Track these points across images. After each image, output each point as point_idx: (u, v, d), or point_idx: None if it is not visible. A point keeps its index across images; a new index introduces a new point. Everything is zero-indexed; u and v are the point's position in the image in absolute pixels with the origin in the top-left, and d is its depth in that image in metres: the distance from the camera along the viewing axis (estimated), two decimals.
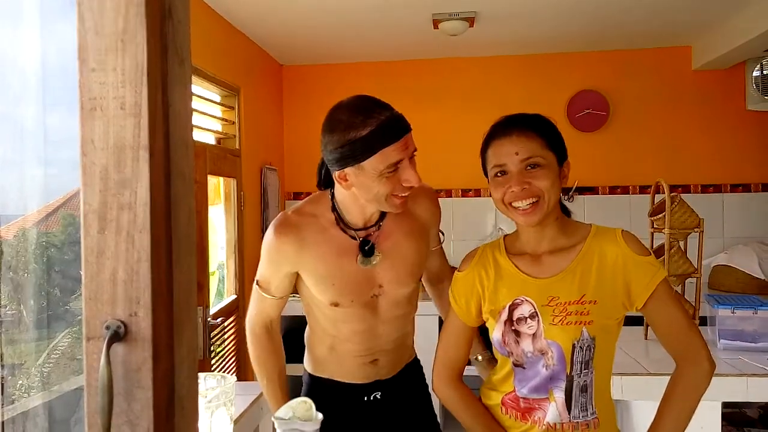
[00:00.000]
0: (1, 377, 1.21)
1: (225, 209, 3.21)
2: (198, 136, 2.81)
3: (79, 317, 0.74)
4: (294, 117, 4.09)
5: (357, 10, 3.00)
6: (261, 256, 1.45)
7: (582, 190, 3.83)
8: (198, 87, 2.86)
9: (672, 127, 3.82)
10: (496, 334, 1.31)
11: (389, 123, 1.24)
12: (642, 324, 2.25)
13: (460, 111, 3.92)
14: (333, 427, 1.40)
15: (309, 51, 3.77)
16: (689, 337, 1.25)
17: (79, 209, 0.72)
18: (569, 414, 1.26)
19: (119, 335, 0.70)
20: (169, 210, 0.75)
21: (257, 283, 1.47)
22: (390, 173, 1.26)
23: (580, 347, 1.23)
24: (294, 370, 1.64)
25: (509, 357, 1.30)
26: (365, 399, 1.49)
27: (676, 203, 2.13)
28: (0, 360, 1.20)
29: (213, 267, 3.03)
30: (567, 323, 1.23)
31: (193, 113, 0.80)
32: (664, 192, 2.12)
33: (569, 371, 1.25)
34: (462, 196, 3.97)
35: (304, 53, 3.83)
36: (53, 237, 1.36)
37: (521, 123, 1.27)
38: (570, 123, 3.82)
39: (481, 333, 1.40)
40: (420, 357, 1.64)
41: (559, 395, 1.26)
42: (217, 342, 2.90)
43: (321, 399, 1.39)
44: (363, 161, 1.25)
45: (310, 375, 1.55)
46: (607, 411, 1.31)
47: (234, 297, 3.20)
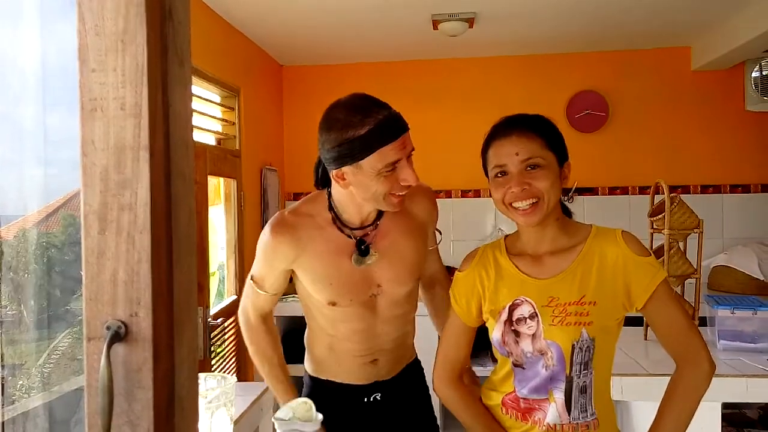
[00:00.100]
0: (2, 377, 1.21)
1: (225, 210, 3.20)
2: (198, 136, 2.81)
3: (80, 318, 0.74)
4: (294, 117, 4.09)
5: (357, 10, 3.00)
6: (256, 253, 1.45)
7: (581, 190, 3.83)
8: (198, 87, 2.86)
9: (671, 128, 3.82)
10: (495, 334, 1.31)
11: (387, 122, 1.24)
12: (642, 325, 2.25)
13: (459, 111, 3.92)
14: (333, 429, 1.40)
15: (309, 51, 3.77)
16: (689, 338, 1.25)
17: (80, 209, 0.72)
18: (569, 415, 1.26)
19: (120, 336, 0.70)
20: (170, 211, 0.75)
21: (252, 279, 1.48)
22: (388, 172, 1.26)
23: (579, 348, 1.23)
24: (294, 371, 1.64)
25: (509, 357, 1.30)
26: (365, 400, 1.49)
27: (675, 204, 2.13)
28: (0, 360, 1.20)
29: (213, 267, 3.03)
30: (566, 324, 1.23)
31: (193, 114, 0.80)
32: (663, 192, 2.12)
33: (569, 372, 1.25)
34: (462, 196, 3.97)
35: (304, 54, 3.83)
36: (53, 237, 1.35)
37: (522, 123, 1.27)
38: (569, 123, 3.82)
39: (483, 334, 1.40)
40: (420, 357, 1.64)
41: (559, 396, 1.26)
42: (218, 342, 2.90)
43: (321, 400, 1.39)
44: (361, 160, 1.24)
45: (310, 376, 1.55)
46: (607, 412, 1.31)
47: (234, 297, 3.20)
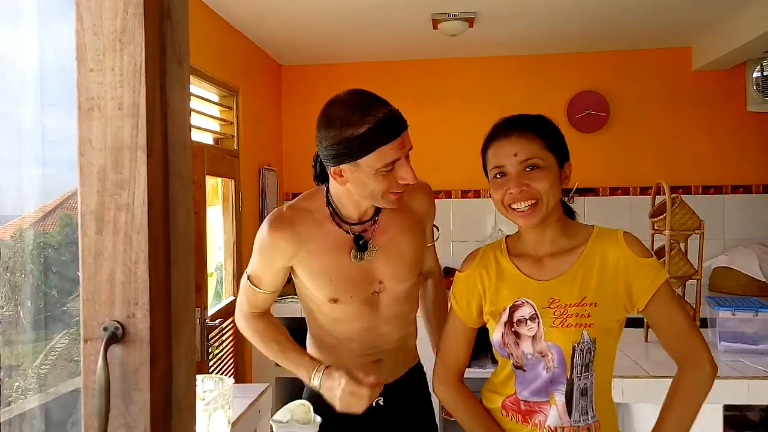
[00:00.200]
0: None
1: (223, 210, 3.20)
2: (196, 136, 2.80)
3: (77, 318, 0.73)
4: (293, 117, 4.09)
5: (356, 10, 3.00)
6: (254, 250, 1.42)
7: (582, 191, 3.83)
8: (196, 87, 2.85)
9: (672, 128, 3.82)
10: (496, 335, 1.30)
11: (387, 121, 1.23)
12: (642, 326, 2.24)
13: (459, 112, 3.92)
14: None
15: (308, 51, 3.77)
16: (691, 340, 1.24)
17: (77, 210, 0.71)
18: (570, 417, 1.25)
19: (117, 337, 0.69)
20: (167, 211, 0.74)
21: (248, 278, 1.45)
22: (386, 171, 1.25)
23: (580, 350, 1.23)
24: (293, 372, 1.62)
25: (509, 359, 1.30)
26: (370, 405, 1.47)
27: (676, 205, 2.12)
28: None
29: (211, 268, 3.02)
30: (567, 325, 1.23)
31: (191, 113, 0.79)
32: (664, 193, 2.11)
33: (569, 374, 1.24)
34: (462, 197, 3.96)
35: (303, 53, 3.83)
36: (50, 237, 1.35)
37: (521, 124, 1.26)
38: (570, 124, 3.82)
39: (483, 336, 1.39)
40: (419, 360, 1.62)
41: (560, 398, 1.25)
42: (215, 344, 2.89)
43: (323, 405, 1.37)
44: (359, 159, 1.24)
45: None
46: (608, 414, 1.30)
47: (232, 298, 3.19)
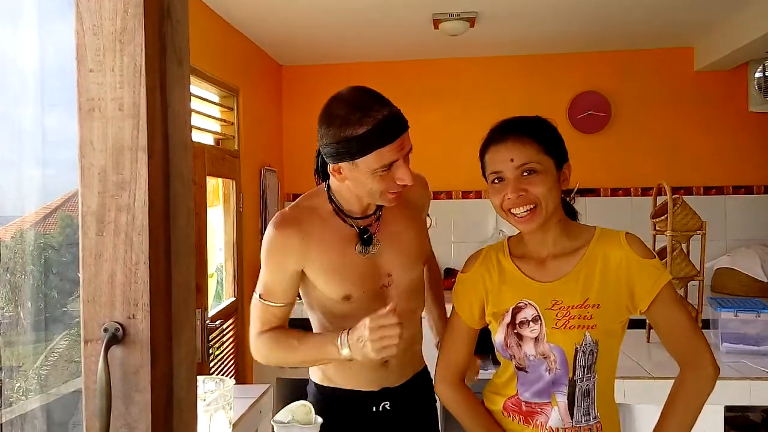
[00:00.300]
0: (0, 379, 1.21)
1: (224, 211, 3.19)
2: (196, 137, 2.80)
3: (77, 319, 0.73)
4: (293, 117, 4.08)
5: (357, 9, 2.99)
6: (262, 262, 1.35)
7: (583, 192, 3.82)
8: (196, 87, 2.85)
9: (674, 129, 3.81)
10: (498, 337, 1.30)
11: (386, 122, 1.23)
12: (644, 327, 2.24)
13: (460, 112, 3.91)
14: None
15: (309, 51, 3.76)
16: (693, 341, 1.24)
17: (78, 210, 0.71)
18: (572, 419, 1.25)
19: (117, 338, 0.69)
20: (168, 212, 0.74)
21: (260, 297, 1.37)
22: (383, 172, 1.26)
23: (582, 351, 1.22)
24: (294, 373, 1.62)
25: (511, 360, 1.29)
26: (374, 409, 1.45)
27: (678, 205, 2.12)
28: None
29: (211, 269, 3.02)
30: (570, 327, 1.22)
31: (192, 114, 0.79)
32: (666, 194, 2.11)
33: (572, 375, 1.24)
34: (462, 197, 3.96)
35: (303, 53, 3.82)
36: (51, 238, 1.35)
37: (517, 128, 1.25)
38: (571, 124, 3.81)
39: (483, 336, 1.39)
40: (426, 365, 1.61)
41: (562, 399, 1.25)
42: (216, 345, 2.89)
43: (328, 411, 1.37)
44: (357, 159, 1.24)
45: (316, 385, 1.50)
46: (610, 415, 1.30)
47: (233, 299, 3.19)
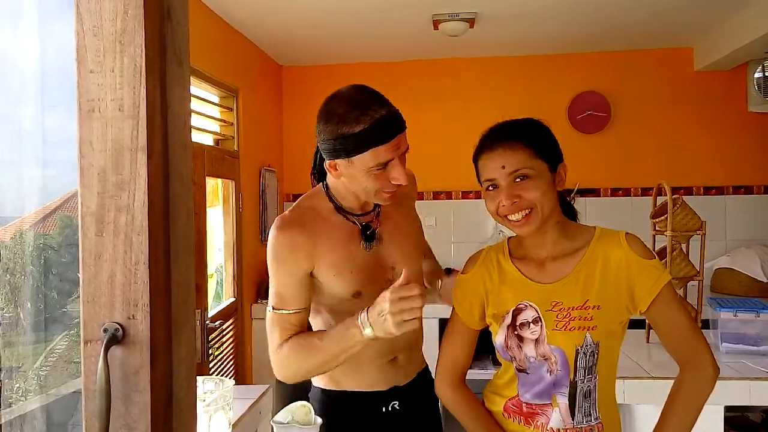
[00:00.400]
0: None
1: (223, 211, 3.19)
2: (196, 137, 2.80)
3: (77, 320, 0.73)
4: (293, 118, 4.08)
5: (357, 10, 2.99)
6: (271, 270, 1.33)
7: (583, 192, 3.82)
8: (196, 88, 2.85)
9: (674, 129, 3.81)
10: (498, 338, 1.30)
11: (384, 122, 1.23)
12: (644, 327, 2.24)
13: (460, 112, 3.91)
14: None
15: (309, 52, 3.77)
16: (693, 342, 1.24)
17: (77, 211, 0.71)
18: (573, 420, 1.25)
19: (117, 338, 0.69)
20: (168, 212, 0.74)
21: (274, 309, 1.33)
22: (378, 170, 1.26)
23: (583, 353, 1.22)
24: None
25: (512, 362, 1.29)
26: (384, 410, 1.44)
27: (678, 205, 2.12)
28: None
29: (211, 269, 3.02)
30: (570, 329, 1.22)
31: (192, 114, 0.79)
32: (665, 194, 2.11)
33: (573, 377, 1.24)
34: (462, 198, 3.96)
35: (303, 54, 3.83)
36: (51, 239, 1.35)
37: (507, 134, 1.25)
38: (571, 124, 3.81)
39: (484, 337, 1.38)
40: (427, 364, 1.60)
41: (563, 401, 1.25)
42: (216, 345, 2.89)
43: (338, 416, 1.36)
44: (353, 156, 1.24)
45: (322, 390, 1.46)
46: (611, 415, 1.30)
47: (232, 300, 3.19)
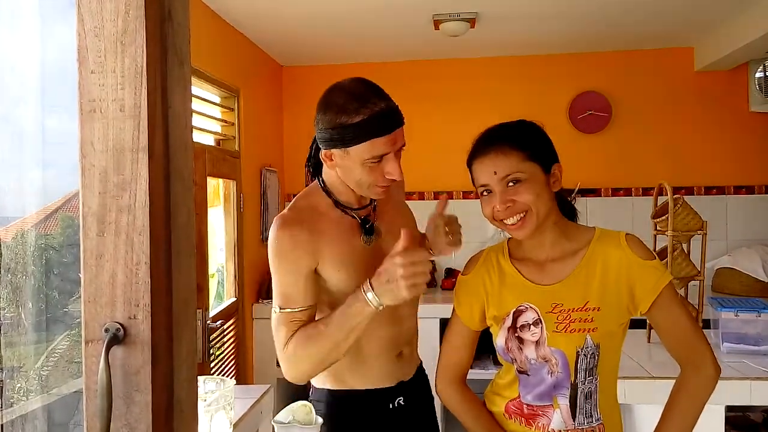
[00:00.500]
0: (0, 380, 1.21)
1: (224, 211, 3.20)
2: (197, 137, 2.80)
3: (78, 320, 0.73)
4: (294, 118, 4.08)
5: (358, 10, 3.00)
6: (274, 271, 1.31)
7: (584, 192, 3.82)
8: (197, 88, 2.85)
9: (674, 129, 3.81)
10: (499, 340, 1.30)
11: (382, 114, 1.24)
12: (645, 327, 2.24)
13: (461, 112, 3.91)
14: None
15: (309, 52, 3.77)
16: (694, 342, 1.24)
17: (78, 211, 0.71)
18: (574, 421, 1.25)
19: (118, 338, 0.70)
20: (169, 212, 0.74)
21: (280, 309, 1.31)
22: (373, 163, 1.27)
23: (584, 355, 1.22)
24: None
25: (513, 364, 1.29)
26: (391, 406, 1.44)
27: (679, 205, 2.12)
28: None
29: (212, 269, 3.02)
30: (571, 331, 1.22)
31: (193, 115, 0.79)
32: (666, 194, 2.11)
33: (573, 379, 1.24)
34: (463, 197, 3.95)
35: (304, 54, 3.83)
36: (52, 239, 1.35)
37: (498, 139, 1.26)
38: (572, 124, 3.81)
39: (485, 337, 1.39)
40: (422, 360, 1.61)
41: (564, 402, 1.25)
42: (217, 345, 2.89)
43: (346, 416, 1.36)
44: (349, 147, 1.25)
45: (329, 392, 1.44)
46: (613, 416, 1.30)
47: (233, 300, 3.19)
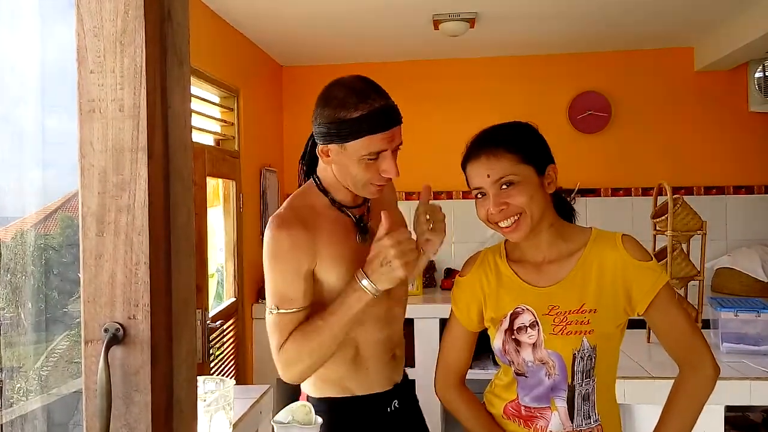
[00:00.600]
0: (0, 380, 1.21)
1: (224, 211, 3.19)
2: (197, 137, 2.80)
3: (78, 320, 0.73)
4: (294, 118, 4.08)
5: (357, 10, 3.00)
6: (269, 271, 1.29)
7: (584, 192, 3.82)
8: (197, 88, 2.85)
9: (674, 129, 3.81)
10: (496, 343, 1.30)
11: (381, 111, 1.24)
12: (644, 327, 2.24)
13: (461, 112, 3.91)
14: None
15: (309, 52, 3.77)
16: (692, 342, 1.24)
17: (78, 211, 0.71)
18: (572, 423, 1.25)
19: (118, 338, 0.70)
20: (168, 212, 0.74)
21: (278, 310, 1.28)
22: (370, 160, 1.26)
23: (581, 357, 1.22)
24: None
25: (510, 366, 1.29)
26: (388, 410, 1.43)
27: (678, 205, 2.12)
28: None
29: (212, 269, 3.02)
30: (567, 333, 1.22)
31: (192, 115, 0.79)
32: (666, 194, 2.11)
33: (570, 381, 1.24)
34: (463, 197, 3.95)
35: (304, 54, 3.83)
36: (51, 239, 1.35)
37: (491, 141, 1.26)
38: (572, 124, 3.81)
39: (484, 337, 1.39)
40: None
41: (561, 405, 1.25)
42: (216, 345, 2.89)
43: (346, 424, 1.35)
44: (347, 142, 1.25)
45: (328, 400, 1.40)
46: (611, 416, 1.30)
47: (233, 300, 3.19)
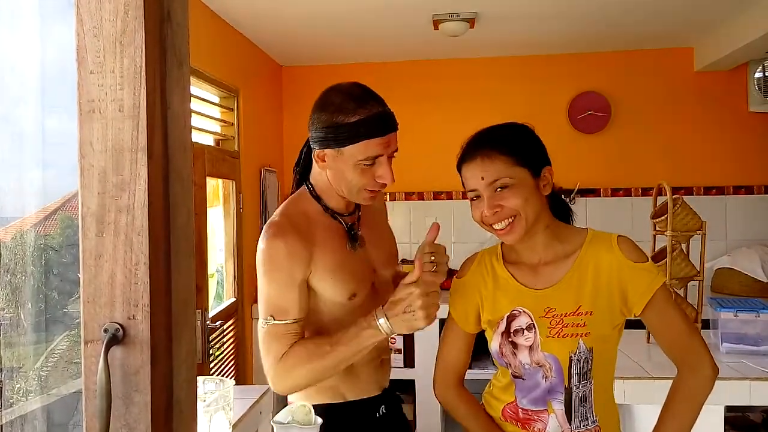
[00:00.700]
0: (0, 380, 1.21)
1: (224, 211, 3.19)
2: (196, 137, 2.80)
3: (78, 320, 0.73)
4: (294, 118, 4.08)
5: (357, 10, 3.00)
6: (264, 280, 1.28)
7: (583, 192, 3.82)
8: (196, 88, 2.85)
9: (674, 129, 3.81)
10: (493, 345, 1.30)
11: (378, 117, 1.26)
12: (644, 327, 2.23)
13: (460, 112, 3.90)
14: None
15: (309, 52, 3.77)
16: (690, 343, 1.24)
17: (78, 211, 0.72)
18: (570, 425, 1.25)
19: (117, 338, 0.70)
20: (168, 212, 0.74)
21: (274, 320, 1.27)
22: (366, 165, 1.27)
23: (577, 360, 1.22)
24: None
25: (508, 368, 1.29)
26: (377, 415, 1.44)
27: (678, 205, 2.12)
28: None
29: (212, 270, 3.02)
30: (563, 335, 1.22)
31: (192, 115, 0.79)
32: (666, 194, 2.11)
33: (567, 383, 1.24)
34: (462, 197, 3.95)
35: (304, 54, 3.83)
36: (51, 239, 1.35)
37: (485, 143, 1.25)
38: (571, 124, 3.81)
39: (484, 338, 1.39)
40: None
41: (558, 407, 1.25)
42: (216, 345, 2.89)
43: (337, 430, 1.35)
44: (343, 147, 1.26)
45: (321, 406, 1.37)
46: (610, 417, 1.30)
47: (233, 300, 3.19)
